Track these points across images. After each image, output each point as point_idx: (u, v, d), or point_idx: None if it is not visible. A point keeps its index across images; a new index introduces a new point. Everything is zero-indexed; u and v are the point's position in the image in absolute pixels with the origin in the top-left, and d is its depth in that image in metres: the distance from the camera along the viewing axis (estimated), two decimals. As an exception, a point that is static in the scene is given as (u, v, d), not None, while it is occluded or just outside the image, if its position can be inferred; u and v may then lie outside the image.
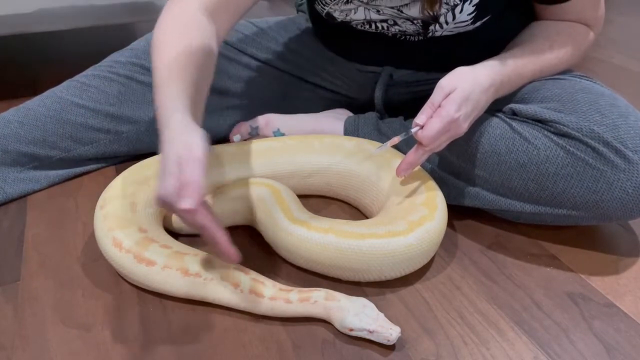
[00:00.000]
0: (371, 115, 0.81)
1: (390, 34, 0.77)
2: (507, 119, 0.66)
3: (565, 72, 0.71)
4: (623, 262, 0.65)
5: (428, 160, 0.72)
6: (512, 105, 0.66)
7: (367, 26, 0.77)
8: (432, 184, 0.66)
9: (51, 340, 0.54)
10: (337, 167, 0.73)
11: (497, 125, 0.66)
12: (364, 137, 0.79)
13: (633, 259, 0.66)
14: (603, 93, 0.64)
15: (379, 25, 0.75)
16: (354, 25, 0.78)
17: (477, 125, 0.67)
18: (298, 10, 0.95)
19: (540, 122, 0.63)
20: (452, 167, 0.69)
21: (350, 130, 0.81)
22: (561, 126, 0.61)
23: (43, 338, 0.55)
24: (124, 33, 1.57)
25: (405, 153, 0.74)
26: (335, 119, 0.84)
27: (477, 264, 0.65)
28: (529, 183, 0.63)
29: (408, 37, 0.77)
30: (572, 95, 0.63)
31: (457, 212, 0.74)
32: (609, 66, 1.31)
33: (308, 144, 0.75)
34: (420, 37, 0.76)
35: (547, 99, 0.65)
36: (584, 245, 0.68)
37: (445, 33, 0.73)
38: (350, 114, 0.88)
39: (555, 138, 0.61)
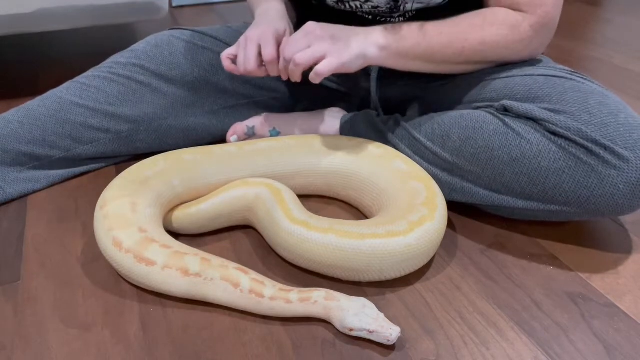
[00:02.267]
0: (367, 113, 0.81)
1: (370, 17, 0.77)
2: (500, 115, 0.66)
3: (557, 69, 0.71)
4: (623, 262, 0.65)
5: (422, 157, 0.73)
6: (504, 102, 0.67)
7: (342, 5, 0.77)
8: (432, 183, 0.66)
9: (51, 340, 0.54)
10: (337, 168, 0.73)
11: (490, 121, 0.66)
12: (359, 134, 0.80)
13: (633, 258, 0.66)
14: (593, 91, 0.64)
15: (352, 4, 0.76)
16: (330, 4, 0.78)
17: (471, 122, 0.68)
18: None
19: (532, 120, 0.64)
20: (445, 164, 0.70)
21: (346, 128, 0.81)
22: (551, 125, 0.62)
23: (43, 338, 0.55)
24: (124, 33, 1.58)
25: (402, 150, 0.75)
26: (331, 117, 0.84)
27: (477, 264, 0.65)
28: (521, 177, 0.63)
29: (387, 18, 0.77)
30: (562, 95, 0.64)
31: (457, 212, 0.74)
32: (609, 66, 1.31)
33: (308, 144, 0.75)
34: (401, 18, 0.76)
35: (539, 99, 0.65)
36: (584, 245, 0.68)
37: (415, 5, 0.73)
38: (345, 112, 0.88)
39: (547, 134, 0.62)
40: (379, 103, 0.86)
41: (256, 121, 0.84)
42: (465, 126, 0.68)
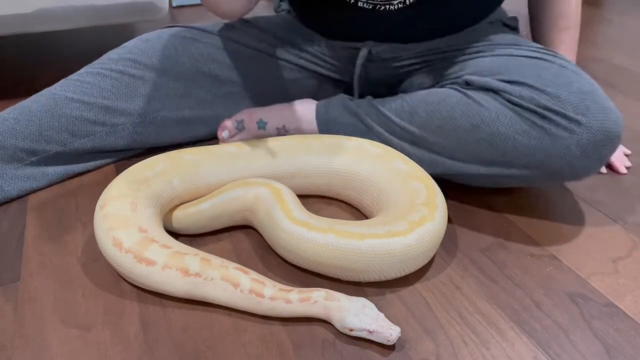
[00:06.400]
0: (341, 97, 0.83)
1: (370, 6, 0.79)
2: (462, 89, 0.71)
3: (527, 47, 0.75)
4: (623, 262, 0.65)
5: (392, 133, 0.76)
6: (466, 77, 0.72)
7: None
8: (432, 183, 0.66)
9: (51, 340, 0.54)
10: (337, 167, 0.73)
11: (453, 94, 0.71)
12: (334, 118, 0.81)
13: (633, 258, 0.66)
14: (550, 67, 0.68)
15: None
16: None
17: (436, 97, 0.72)
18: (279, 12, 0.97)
19: (491, 90, 0.69)
20: (413, 137, 0.73)
21: (322, 113, 0.83)
22: (507, 94, 0.67)
23: (43, 338, 0.55)
24: (124, 33, 1.58)
25: (375, 129, 0.77)
26: (309, 102, 0.86)
27: (477, 264, 0.65)
28: (481, 143, 0.68)
29: (387, 6, 0.78)
30: (520, 70, 0.69)
31: (457, 212, 0.74)
32: (609, 66, 1.31)
33: (308, 144, 0.75)
34: (400, 5, 0.78)
35: (499, 74, 0.70)
36: (584, 245, 0.68)
37: None
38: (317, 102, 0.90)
39: (505, 102, 0.67)
40: (366, 87, 0.89)
41: (243, 115, 0.85)
42: (431, 101, 0.72)
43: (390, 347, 0.53)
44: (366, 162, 0.72)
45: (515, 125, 0.65)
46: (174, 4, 1.94)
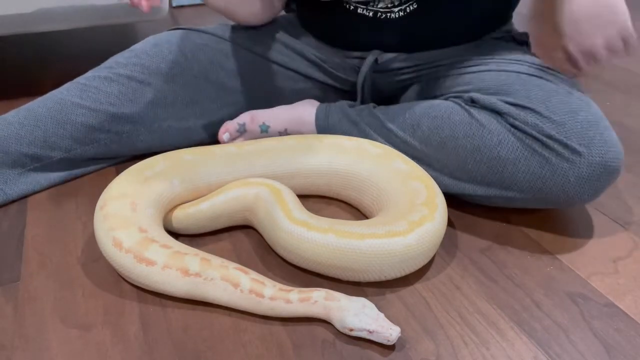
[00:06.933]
0: (341, 103, 0.83)
1: (370, 14, 0.79)
2: (467, 107, 0.70)
3: (534, 66, 0.73)
4: (623, 262, 0.65)
5: (393, 145, 0.75)
6: (472, 94, 0.71)
7: (345, 4, 0.80)
8: (432, 183, 0.66)
9: (51, 340, 0.54)
10: (337, 167, 0.73)
11: (457, 111, 0.70)
12: (333, 124, 0.81)
13: (633, 258, 0.66)
14: (558, 90, 0.67)
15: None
16: None
17: (439, 111, 0.72)
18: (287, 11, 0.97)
19: (495, 112, 0.68)
20: (415, 152, 0.73)
21: (321, 118, 0.83)
22: (511, 118, 0.66)
23: (43, 338, 0.55)
24: (124, 33, 1.58)
25: (375, 139, 0.77)
26: (311, 105, 0.86)
27: (477, 264, 0.65)
28: (481, 166, 0.67)
29: (388, 14, 0.79)
30: (528, 92, 0.67)
31: (457, 212, 0.74)
32: (609, 66, 1.31)
33: (308, 144, 0.75)
34: (401, 13, 0.78)
35: (504, 92, 0.69)
36: (583, 245, 0.68)
37: None
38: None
39: (508, 126, 0.66)
40: (369, 94, 0.88)
41: (245, 118, 0.85)
42: (434, 116, 0.72)
43: (390, 347, 0.53)
44: (366, 162, 0.72)
45: (517, 152, 0.65)
46: (174, 4, 1.94)
